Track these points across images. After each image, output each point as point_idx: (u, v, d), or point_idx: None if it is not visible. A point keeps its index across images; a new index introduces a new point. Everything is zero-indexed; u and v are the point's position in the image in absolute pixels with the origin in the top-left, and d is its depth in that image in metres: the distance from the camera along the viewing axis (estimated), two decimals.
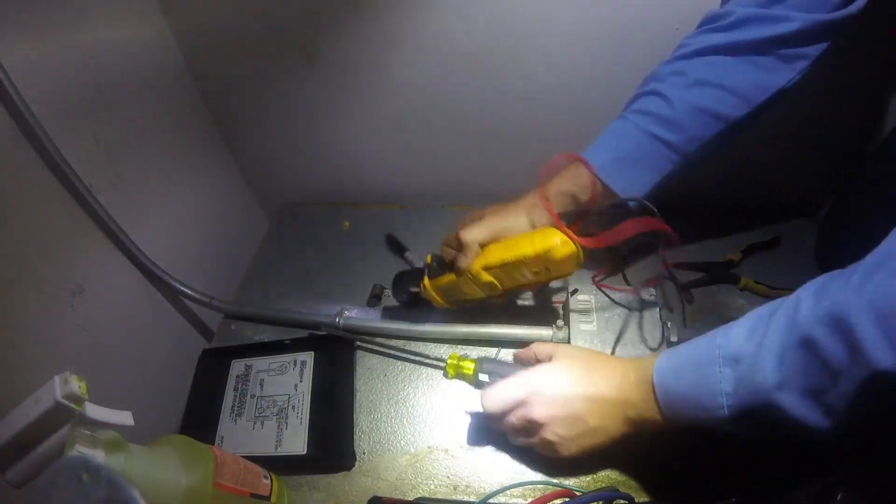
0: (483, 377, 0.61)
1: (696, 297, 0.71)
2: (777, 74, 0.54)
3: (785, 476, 0.45)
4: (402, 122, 0.82)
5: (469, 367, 0.62)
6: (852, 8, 0.51)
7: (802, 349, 0.36)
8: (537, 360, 0.55)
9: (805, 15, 0.51)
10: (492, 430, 0.57)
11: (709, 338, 0.44)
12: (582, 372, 0.51)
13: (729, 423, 0.41)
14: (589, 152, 0.59)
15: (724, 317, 0.70)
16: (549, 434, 0.50)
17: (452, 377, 0.64)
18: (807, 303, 0.37)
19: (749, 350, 0.39)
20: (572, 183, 0.59)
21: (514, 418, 0.51)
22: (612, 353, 0.59)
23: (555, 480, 0.55)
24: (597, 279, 0.66)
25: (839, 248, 0.72)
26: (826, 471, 0.40)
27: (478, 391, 0.57)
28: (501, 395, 0.51)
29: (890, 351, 0.31)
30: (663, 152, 0.57)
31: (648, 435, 0.48)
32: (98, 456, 0.35)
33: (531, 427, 0.51)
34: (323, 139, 0.87)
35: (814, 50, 0.53)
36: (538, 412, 0.49)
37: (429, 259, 0.66)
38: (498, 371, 0.60)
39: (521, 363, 0.59)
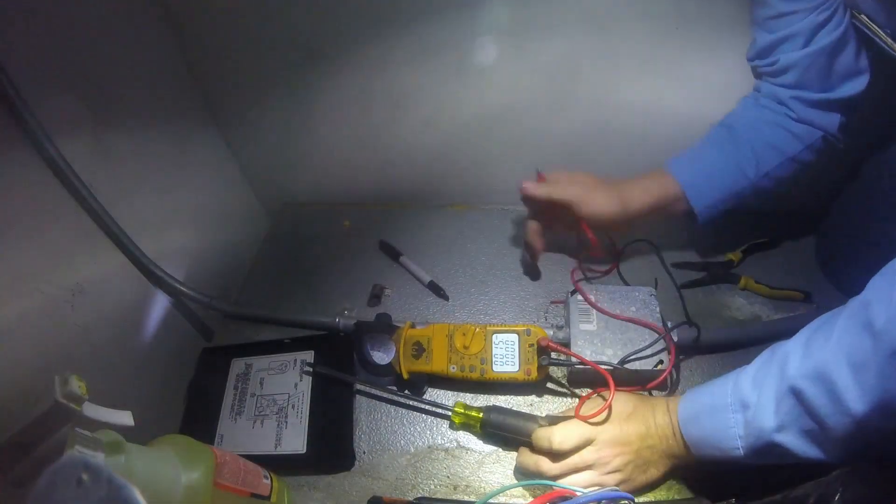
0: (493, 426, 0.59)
1: (696, 297, 0.71)
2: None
3: (784, 476, 0.45)
4: (403, 122, 0.82)
5: (477, 415, 0.59)
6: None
7: (793, 398, 0.41)
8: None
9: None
10: (525, 472, 0.56)
11: (722, 383, 0.48)
12: (633, 414, 0.54)
13: (745, 460, 0.45)
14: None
15: (724, 317, 0.70)
16: (614, 471, 0.52)
17: (459, 427, 0.61)
18: (796, 354, 0.42)
19: (754, 397, 0.44)
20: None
21: (579, 457, 0.52)
22: (621, 362, 0.59)
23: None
24: (577, 280, 0.68)
25: (839, 248, 0.72)
26: (825, 471, 0.40)
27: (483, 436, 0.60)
28: (574, 433, 0.53)
29: (864, 400, 0.37)
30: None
31: (689, 466, 0.52)
32: (98, 456, 0.35)
33: (597, 463, 0.52)
34: (323, 139, 0.87)
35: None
36: (607, 451, 0.52)
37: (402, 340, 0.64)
38: (508, 419, 0.58)
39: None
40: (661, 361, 0.59)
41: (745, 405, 0.45)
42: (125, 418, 0.38)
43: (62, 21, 0.57)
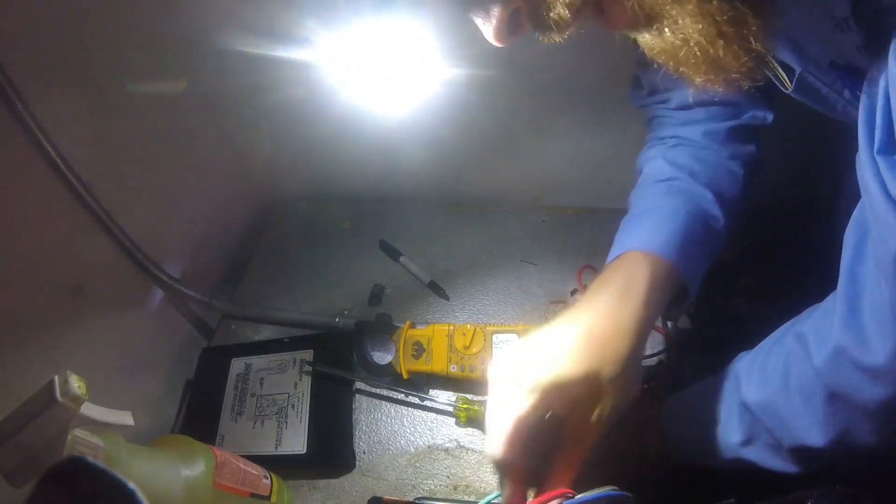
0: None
1: (695, 298, 0.71)
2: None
3: (783, 476, 0.45)
4: (404, 121, 0.82)
5: (478, 408, 0.59)
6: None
7: (750, 415, 0.42)
8: None
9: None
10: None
11: (698, 392, 0.48)
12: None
13: (721, 468, 0.46)
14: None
15: (723, 317, 0.70)
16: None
17: (465, 423, 0.61)
18: (750, 380, 0.42)
19: (720, 412, 0.44)
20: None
21: None
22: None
23: None
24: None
25: (839, 248, 0.72)
26: (823, 471, 0.40)
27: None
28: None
29: (819, 432, 0.37)
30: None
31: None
32: (98, 456, 0.35)
33: None
34: (324, 138, 0.87)
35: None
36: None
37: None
38: None
39: None
40: (661, 361, 0.59)
41: (714, 420, 0.45)
42: (125, 418, 0.38)
43: (61, 18, 0.57)
